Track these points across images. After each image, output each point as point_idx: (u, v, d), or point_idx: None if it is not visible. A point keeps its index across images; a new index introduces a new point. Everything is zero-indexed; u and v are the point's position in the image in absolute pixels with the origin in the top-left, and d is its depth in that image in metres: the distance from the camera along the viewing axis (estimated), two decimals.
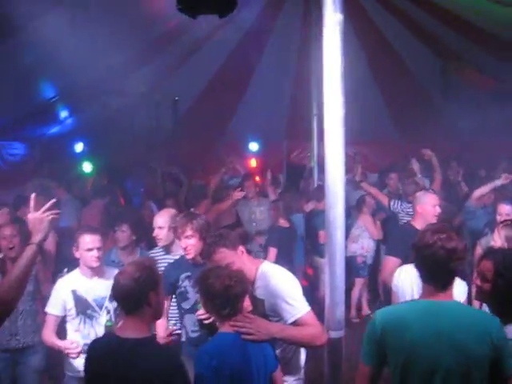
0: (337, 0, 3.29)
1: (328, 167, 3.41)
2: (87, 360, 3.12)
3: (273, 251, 6.58)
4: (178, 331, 4.51)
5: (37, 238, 2.81)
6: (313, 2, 7.83)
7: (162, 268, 4.45)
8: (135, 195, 10.28)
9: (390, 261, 5.24)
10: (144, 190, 9.65)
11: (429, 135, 9.90)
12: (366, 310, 8.36)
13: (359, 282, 8.26)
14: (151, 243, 5.64)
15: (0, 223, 6.20)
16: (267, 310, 3.51)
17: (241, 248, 3.60)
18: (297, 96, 10.68)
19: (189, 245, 4.24)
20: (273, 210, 7.21)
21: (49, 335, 4.39)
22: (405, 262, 4.91)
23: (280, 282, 3.49)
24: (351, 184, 8.17)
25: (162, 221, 4.96)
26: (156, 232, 5.00)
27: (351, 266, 8.10)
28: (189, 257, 4.25)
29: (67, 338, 4.45)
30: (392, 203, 7.44)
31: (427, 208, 5.29)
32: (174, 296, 4.46)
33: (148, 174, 9.80)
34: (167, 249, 4.98)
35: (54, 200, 3.08)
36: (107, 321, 4.28)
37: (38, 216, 2.86)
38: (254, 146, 11.99)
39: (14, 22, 5.87)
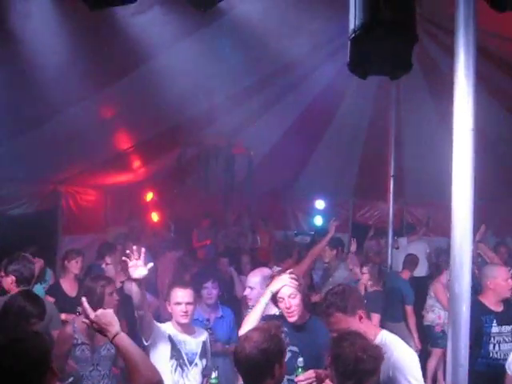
0: (471, 64, 3.10)
1: (454, 235, 3.16)
2: None
3: (376, 317, 6.20)
4: None
5: (115, 328, 2.67)
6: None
7: None
8: (200, 248, 10.17)
9: None
10: (213, 244, 9.53)
11: None
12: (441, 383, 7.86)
13: (436, 353, 7.81)
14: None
15: (76, 272, 6.22)
16: (382, 382, 3.24)
17: (360, 312, 3.37)
18: (368, 155, 10.58)
19: (293, 305, 3.98)
20: (365, 273, 6.89)
21: None
22: (473, 345, 4.52)
23: (403, 356, 3.25)
24: None
25: (254, 281, 4.78)
26: (247, 291, 4.84)
27: (428, 336, 7.86)
28: (291, 319, 3.98)
29: None
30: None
31: (499, 282, 4.90)
32: None
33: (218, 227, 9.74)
34: None
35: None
36: (214, 378, 4.01)
37: (101, 313, 2.73)
38: (320, 204, 11.85)
39: None
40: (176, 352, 4.21)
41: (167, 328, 4.30)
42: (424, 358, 7.55)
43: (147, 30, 4.94)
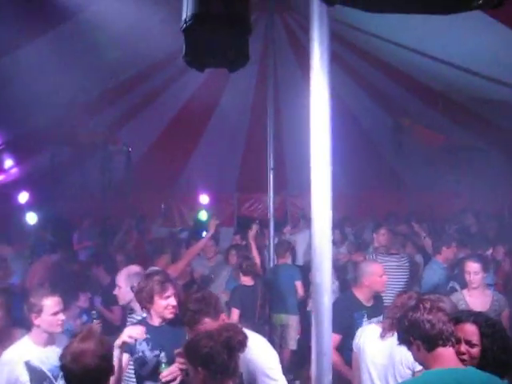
0: (325, 60, 3.12)
1: (314, 227, 3.19)
2: None
3: (235, 312, 6.17)
4: None
5: None
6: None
7: None
8: (82, 249, 9.80)
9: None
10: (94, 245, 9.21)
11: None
12: None
13: None
14: None
15: None
16: (246, 382, 3.27)
17: (223, 316, 3.37)
18: (249, 149, 10.68)
19: (170, 305, 3.88)
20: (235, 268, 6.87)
21: None
22: (346, 337, 4.67)
23: (260, 354, 3.30)
24: None
25: (120, 279, 4.66)
26: (116, 290, 4.69)
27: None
28: (170, 316, 3.88)
29: None
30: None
31: (375, 279, 5.01)
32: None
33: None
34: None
35: None
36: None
37: None
38: (204, 199, 11.84)
39: None
40: (37, 377, 3.90)
41: (22, 351, 3.94)
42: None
43: None
